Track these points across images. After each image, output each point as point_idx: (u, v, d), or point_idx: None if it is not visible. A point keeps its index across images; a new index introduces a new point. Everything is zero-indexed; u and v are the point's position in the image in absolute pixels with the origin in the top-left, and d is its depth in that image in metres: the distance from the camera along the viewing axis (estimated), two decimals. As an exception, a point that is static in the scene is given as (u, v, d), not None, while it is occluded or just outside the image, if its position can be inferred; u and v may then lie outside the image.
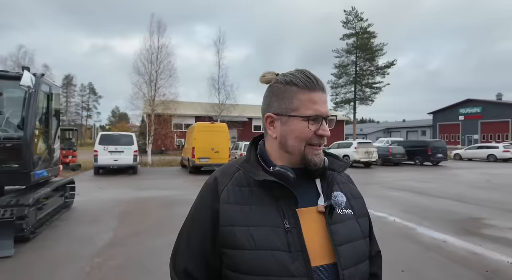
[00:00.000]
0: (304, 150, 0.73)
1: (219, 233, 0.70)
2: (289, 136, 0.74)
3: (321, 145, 0.75)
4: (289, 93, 0.74)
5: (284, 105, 0.75)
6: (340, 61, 32.35)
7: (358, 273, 0.70)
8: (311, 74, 0.75)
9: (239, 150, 15.55)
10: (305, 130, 0.73)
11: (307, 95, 0.73)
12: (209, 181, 0.81)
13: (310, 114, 0.72)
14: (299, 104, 0.73)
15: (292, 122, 0.74)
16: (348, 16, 31.18)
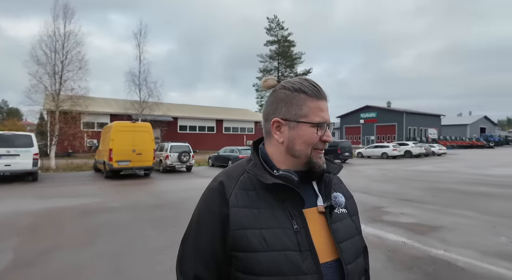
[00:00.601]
0: (311, 154, 0.77)
1: (229, 236, 0.71)
2: (297, 141, 0.77)
3: (324, 148, 0.79)
4: (298, 100, 0.77)
5: (293, 111, 0.77)
6: (264, 66, 34.05)
7: (358, 267, 0.77)
8: (316, 84, 0.79)
9: (165, 151, 14.75)
10: (313, 136, 0.77)
11: (315, 103, 0.77)
12: (214, 185, 0.79)
13: (319, 121, 0.76)
14: (308, 111, 0.77)
15: (300, 128, 0.77)
16: (271, 23, 33.06)
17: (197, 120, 31.99)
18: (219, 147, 21.15)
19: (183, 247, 0.80)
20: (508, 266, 3.42)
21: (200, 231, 0.76)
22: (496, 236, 4.50)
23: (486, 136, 51.45)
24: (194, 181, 11.38)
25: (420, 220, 5.41)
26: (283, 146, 0.79)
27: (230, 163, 15.91)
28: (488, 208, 6.27)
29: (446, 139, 43.49)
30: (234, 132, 34.36)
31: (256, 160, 0.80)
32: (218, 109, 38.79)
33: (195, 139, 30.18)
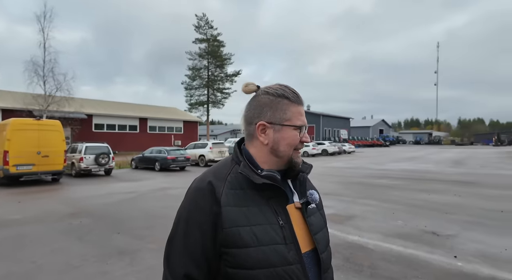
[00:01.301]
0: (292, 154, 0.85)
1: (221, 235, 0.75)
2: (281, 143, 0.84)
3: (300, 148, 0.87)
4: (282, 105, 0.84)
5: (278, 115, 0.84)
6: (194, 64, 33.16)
7: (328, 255, 0.88)
8: (295, 90, 0.87)
9: (79, 153, 13.01)
10: (295, 138, 0.84)
11: (297, 108, 0.85)
12: (202, 185, 0.81)
13: (300, 124, 0.85)
14: (291, 115, 0.84)
15: (285, 131, 0.84)
16: (200, 21, 32.43)
17: (116, 118, 29.12)
18: (144, 148, 19.74)
19: (170, 246, 0.81)
20: (404, 244, 4.19)
21: (190, 230, 0.78)
22: (395, 220, 5.45)
23: (384, 137, 61.15)
24: (116, 185, 10.39)
25: (337, 211, 6.14)
26: (268, 147, 0.85)
27: (157, 165, 15.08)
28: (388, 197, 7.52)
29: (354, 139, 50.02)
30: (161, 131, 32.50)
31: (244, 161, 0.84)
32: (141, 106, 36.07)
33: (114, 139, 27.41)
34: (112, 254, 3.92)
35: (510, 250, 3.90)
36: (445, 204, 6.62)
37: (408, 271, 3.35)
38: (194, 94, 33.48)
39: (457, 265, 3.48)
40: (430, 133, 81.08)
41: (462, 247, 4.06)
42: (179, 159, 15.06)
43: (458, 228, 4.88)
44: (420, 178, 11.08)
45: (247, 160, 0.85)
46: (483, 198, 7.23)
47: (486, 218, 5.47)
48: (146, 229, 5.06)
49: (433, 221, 5.30)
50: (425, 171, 13.64)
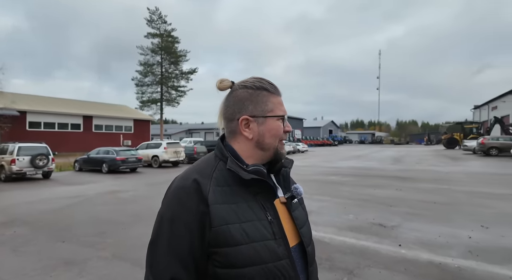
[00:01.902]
0: (277, 145, 0.84)
1: (210, 234, 0.71)
2: (266, 135, 0.82)
3: (285, 138, 0.87)
4: (262, 97, 0.83)
5: (260, 107, 0.82)
6: (146, 59, 31.48)
7: (313, 247, 0.89)
8: (271, 82, 0.86)
9: (9, 154, 11.46)
10: (280, 128, 0.84)
11: (277, 99, 0.85)
12: (186, 183, 0.76)
13: (282, 114, 0.84)
14: (273, 106, 0.83)
15: (268, 122, 0.83)
16: (152, 15, 30.91)
17: (56, 116, 26.31)
18: (89, 148, 18.18)
19: (154, 250, 0.76)
20: (357, 236, 4.51)
21: (176, 230, 0.74)
22: (347, 214, 5.83)
23: (333, 137, 65.15)
24: (57, 189, 9.39)
25: (295, 208, 6.37)
26: (253, 141, 0.83)
27: (105, 167, 13.99)
28: (339, 193, 8.02)
29: (307, 139, 52.39)
30: (108, 130, 30.18)
31: (231, 157, 0.82)
32: (86, 103, 33.11)
33: (53, 138, 24.75)
34: (56, 266, 3.54)
35: (443, 236, 4.45)
36: (389, 198, 7.28)
37: (361, 261, 3.61)
38: (146, 91, 31.81)
39: (401, 252, 3.85)
40: (373, 133, 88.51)
41: (405, 236, 4.51)
42: (129, 160, 14.17)
43: (400, 219, 5.40)
44: (367, 175, 12.03)
45: (233, 156, 0.83)
46: (419, 192, 8.12)
47: (423, 209, 6.15)
48: (95, 236, 4.66)
49: (380, 214, 5.79)
50: (370, 168, 14.84)
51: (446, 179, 10.41)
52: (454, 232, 4.63)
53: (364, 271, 3.36)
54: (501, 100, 38.76)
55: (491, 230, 4.67)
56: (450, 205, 6.45)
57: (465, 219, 5.33)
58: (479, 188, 8.45)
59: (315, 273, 0.88)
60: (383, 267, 3.44)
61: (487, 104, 44.98)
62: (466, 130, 33.00)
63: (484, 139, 21.70)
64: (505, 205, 6.37)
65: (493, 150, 20.66)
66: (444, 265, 3.45)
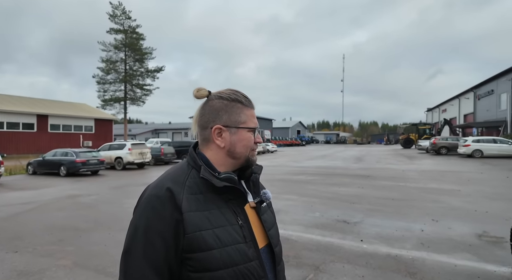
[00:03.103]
0: (248, 154, 0.90)
1: (184, 241, 0.75)
2: (238, 145, 0.87)
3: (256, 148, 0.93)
4: (237, 109, 0.88)
5: (233, 118, 0.87)
6: (108, 56, 29.89)
7: (280, 247, 0.95)
8: (246, 95, 0.92)
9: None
10: (250, 139, 0.89)
11: (250, 112, 0.91)
12: (160, 192, 0.78)
13: (253, 126, 0.90)
14: (246, 118, 0.88)
15: (240, 133, 0.88)
16: (115, 10, 29.45)
17: (5, 114, 24.01)
18: (44, 150, 16.91)
19: (128, 258, 0.78)
20: (322, 233, 4.72)
21: (150, 239, 0.76)
22: (313, 212, 6.07)
23: (301, 137, 66.92)
24: (7, 195, 8.60)
25: (264, 208, 6.48)
26: (224, 150, 0.87)
27: (63, 169, 13.07)
28: (306, 192, 8.30)
29: (276, 139, 53.22)
30: (66, 130, 28.15)
31: (204, 166, 0.85)
32: (41, 101, 30.59)
33: (2, 139, 22.60)
34: (8, 278, 3.27)
35: (399, 230, 4.82)
36: (352, 196, 7.70)
37: (327, 257, 3.80)
38: (109, 89, 30.23)
39: (363, 247, 4.11)
40: (338, 134, 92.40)
41: (366, 231, 4.81)
42: (90, 162, 13.39)
43: (362, 216, 5.74)
44: (331, 174, 12.56)
45: (205, 164, 0.87)
46: (379, 189, 8.68)
47: (382, 205, 6.60)
48: (53, 244, 4.37)
49: (344, 211, 6.11)
50: (334, 167, 15.51)
51: (403, 176, 11.23)
52: (409, 226, 5.04)
53: (329, 266, 3.54)
54: (450, 103, 42.59)
55: (440, 223, 5.15)
56: (405, 201, 6.98)
57: (418, 214, 5.81)
58: (430, 185, 9.24)
59: (282, 271, 0.95)
60: (347, 261, 3.65)
61: (438, 107, 49.15)
62: (420, 130, 35.76)
63: (436, 139, 23.70)
64: (452, 199, 7.05)
65: (443, 149, 22.64)
66: (400, 257, 3.76)
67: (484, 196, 7.41)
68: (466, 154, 19.32)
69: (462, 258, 3.69)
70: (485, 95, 30.56)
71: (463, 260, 3.61)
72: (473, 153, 18.94)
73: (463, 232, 4.68)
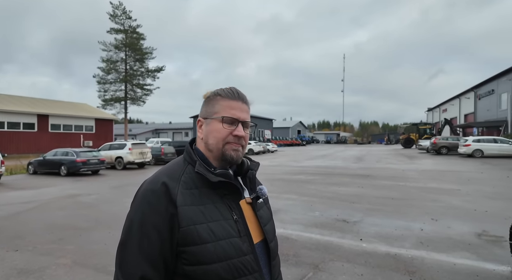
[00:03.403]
0: (223, 148, 0.86)
1: (178, 234, 0.76)
2: (210, 136, 0.88)
3: (239, 143, 0.88)
4: (214, 100, 0.90)
5: (209, 110, 0.89)
6: (108, 55, 29.91)
7: (276, 243, 0.96)
8: (235, 89, 0.91)
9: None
10: (221, 130, 0.86)
11: (227, 102, 0.88)
12: (155, 187, 0.80)
13: (228, 116, 0.86)
14: (219, 108, 0.88)
15: (212, 124, 0.88)
16: (116, 10, 29.46)
17: (6, 114, 24.05)
18: (45, 150, 16.95)
19: (124, 251, 0.80)
20: (322, 232, 4.73)
21: (146, 232, 0.78)
22: (313, 211, 6.08)
23: (301, 137, 66.87)
24: (9, 194, 8.62)
25: (264, 207, 6.49)
26: (203, 141, 0.90)
27: (63, 169, 13.09)
28: (306, 191, 8.30)
29: (277, 139, 53.20)
30: (67, 130, 28.19)
31: (199, 161, 0.86)
32: (41, 101, 30.64)
33: (3, 139, 22.66)
34: (8, 276, 3.29)
35: (399, 229, 4.82)
36: (352, 195, 7.70)
37: (326, 256, 3.80)
38: (109, 89, 30.23)
39: (362, 246, 4.12)
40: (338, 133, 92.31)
41: (366, 230, 4.81)
42: (91, 162, 13.41)
43: (362, 215, 5.75)
44: (331, 173, 12.56)
45: (200, 159, 0.88)
46: (379, 188, 8.68)
47: (382, 205, 6.60)
48: (53, 243, 4.39)
49: (343, 210, 6.11)
50: (334, 167, 15.51)
51: (403, 176, 11.23)
52: (408, 225, 5.04)
53: (329, 265, 3.55)
54: (450, 103, 42.55)
55: (439, 222, 5.16)
56: (405, 200, 6.98)
57: (418, 213, 5.81)
58: (430, 184, 9.24)
59: (278, 266, 0.96)
60: (346, 260, 3.66)
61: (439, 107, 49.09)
62: (421, 130, 35.72)
63: (436, 139, 23.67)
64: (452, 199, 7.05)
65: (443, 149, 22.61)
66: (399, 255, 3.76)
67: (484, 195, 7.41)
68: (467, 153, 19.30)
69: (461, 257, 3.69)
70: (486, 95, 30.54)
71: (462, 259, 3.61)
72: (473, 152, 18.92)
73: (463, 231, 4.68)
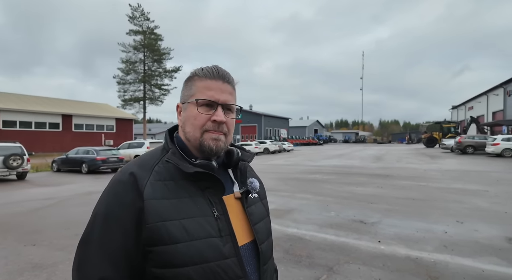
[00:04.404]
0: (201, 137, 0.74)
1: (144, 231, 0.65)
2: (186, 123, 0.76)
3: (220, 131, 0.75)
4: (191, 81, 0.77)
5: (186, 93, 0.77)
6: (128, 56, 30.73)
7: (269, 244, 0.83)
8: (216, 67, 0.77)
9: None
10: (198, 116, 0.74)
11: (204, 82, 0.75)
12: (123, 177, 0.69)
13: (204, 97, 0.74)
14: (195, 90, 0.76)
15: (189, 108, 0.76)
16: (134, 12, 30.20)
17: (33, 115, 25.26)
18: (68, 148, 17.59)
19: (84, 249, 0.70)
20: (337, 233, 4.54)
21: (108, 228, 0.68)
22: (328, 212, 5.88)
23: (318, 136, 65.88)
24: (31, 191, 8.98)
25: (277, 206, 6.36)
26: (182, 130, 0.79)
27: (84, 167, 13.53)
28: (321, 191, 8.08)
29: (293, 138, 52.78)
30: (89, 130, 29.25)
31: (174, 148, 0.76)
32: (66, 101, 31.96)
33: (30, 138, 23.77)
34: (23, 270, 3.35)
35: (420, 231, 4.55)
36: (369, 195, 7.41)
37: (341, 257, 3.62)
38: (129, 89, 31.06)
39: (380, 248, 3.90)
40: (357, 132, 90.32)
41: (384, 232, 4.58)
42: (110, 160, 13.78)
43: (380, 216, 5.49)
44: (348, 173, 12.21)
45: (180, 148, 0.77)
46: (398, 189, 8.31)
47: (401, 205, 6.29)
48: (69, 238, 4.47)
49: (360, 211, 5.87)
50: (351, 166, 15.09)
51: (424, 176, 10.72)
52: (431, 227, 4.75)
53: (344, 267, 3.37)
54: (477, 100, 40.46)
55: (465, 225, 4.82)
56: (427, 201, 6.62)
57: (441, 215, 5.48)
58: (454, 185, 8.74)
59: (270, 272, 0.82)
60: (362, 263, 3.46)
61: (464, 105, 46.83)
62: (444, 129, 34.23)
63: (461, 138, 22.55)
64: (478, 200, 6.61)
65: (469, 148, 21.50)
66: (420, 259, 3.52)
67: (515, 197, 6.91)
68: (495, 153, 18.25)
69: (490, 262, 3.40)
70: (516, 91, 28.78)
71: (491, 265, 3.33)
72: (502, 152, 17.85)
73: (491, 234, 4.34)
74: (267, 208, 0.91)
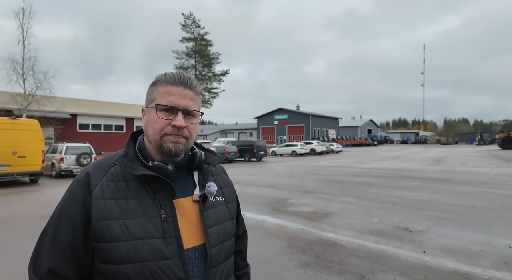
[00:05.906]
0: (161, 139, 0.77)
1: (91, 228, 0.71)
2: (148, 126, 0.80)
3: (180, 135, 0.77)
4: (154, 87, 0.81)
5: (148, 97, 0.81)
6: (181, 63, 32.86)
7: (224, 248, 0.83)
8: (179, 72, 0.81)
9: (59, 153, 12.68)
10: (157, 120, 0.77)
11: (165, 88, 0.78)
12: (80, 177, 0.78)
13: (163, 103, 0.77)
14: (157, 95, 0.79)
15: (150, 113, 0.80)
16: (187, 20, 32.17)
17: (102, 118, 28.59)
18: (129, 148, 19.40)
19: (41, 241, 0.77)
20: (376, 240, 4.25)
21: (61, 223, 0.75)
22: (371, 217, 5.52)
23: (372, 136, 62.09)
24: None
25: (316, 209, 6.18)
26: (145, 132, 0.83)
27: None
28: (366, 195, 7.61)
29: (342, 139, 50.60)
30: (147, 131, 32.03)
31: (129, 151, 0.80)
32: (129, 106, 35.51)
33: (99, 139, 26.90)
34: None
35: (476, 244, 4.00)
36: (421, 201, 6.75)
37: (376, 266, 3.38)
38: (182, 94, 33.19)
39: (424, 260, 3.54)
40: (417, 132, 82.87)
41: (431, 242, 4.14)
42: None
43: (430, 224, 4.97)
44: (400, 176, 11.28)
45: (139, 150, 0.82)
46: (458, 195, 7.41)
47: (458, 213, 5.60)
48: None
49: (408, 218, 5.39)
50: (406, 169, 13.90)
51: (493, 182, 9.38)
52: (491, 240, 4.15)
53: (377, 276, 3.14)
54: None
55: (537, 240, 4.10)
56: (491, 210, 5.79)
57: (507, 226, 4.74)
58: (532, 193, 7.48)
59: (221, 276, 0.81)
60: (399, 273, 3.19)
61: (553, 99, 39.65)
62: (525, 128, 29.47)
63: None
64: (561, 212, 5.56)
65: (557, 150, 18.15)
66: (472, 275, 3.11)
67: None
68: None
69: None
70: None
71: None
72: None
73: None
74: (233, 212, 0.91)
